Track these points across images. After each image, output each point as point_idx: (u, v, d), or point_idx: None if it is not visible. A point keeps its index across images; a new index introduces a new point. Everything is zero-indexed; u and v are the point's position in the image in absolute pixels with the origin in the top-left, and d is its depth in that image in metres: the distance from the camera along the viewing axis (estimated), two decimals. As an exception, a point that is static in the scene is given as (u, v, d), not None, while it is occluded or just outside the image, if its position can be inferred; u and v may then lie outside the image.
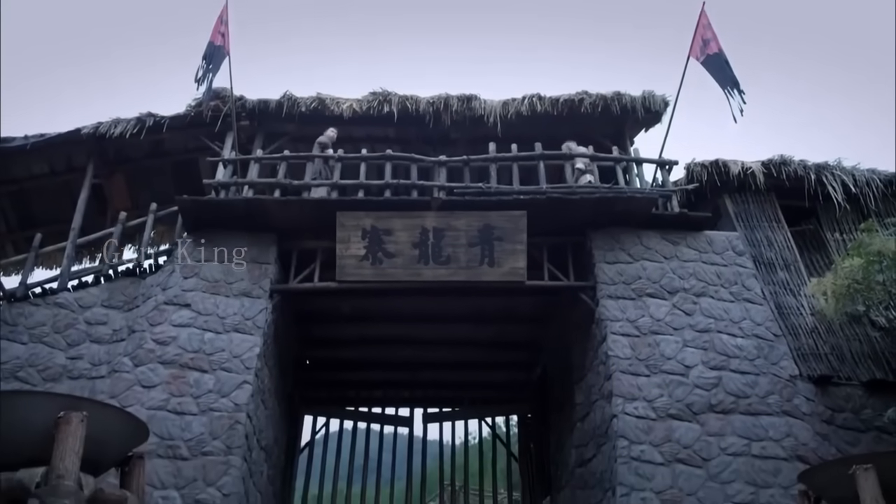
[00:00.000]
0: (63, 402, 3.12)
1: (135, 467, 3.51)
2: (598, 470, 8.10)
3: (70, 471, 2.88)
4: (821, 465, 5.31)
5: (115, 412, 3.41)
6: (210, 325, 8.33)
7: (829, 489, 4.36)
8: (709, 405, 7.83)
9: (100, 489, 3.11)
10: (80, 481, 2.94)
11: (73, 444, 2.94)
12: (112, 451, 3.30)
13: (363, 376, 12.48)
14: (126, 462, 3.55)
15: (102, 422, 3.14)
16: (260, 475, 8.55)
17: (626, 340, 8.23)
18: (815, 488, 4.41)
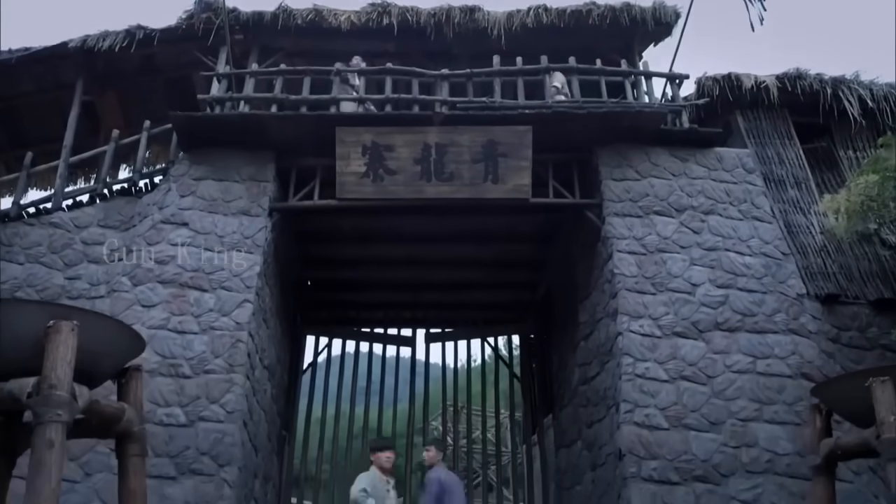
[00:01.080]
0: (53, 310, 2.97)
1: (132, 380, 3.39)
2: (602, 387, 8.10)
3: (62, 381, 2.76)
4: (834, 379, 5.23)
5: (108, 322, 3.27)
6: (209, 243, 8.18)
7: (842, 403, 4.28)
8: (715, 323, 7.75)
9: (95, 401, 3.00)
10: (73, 392, 2.81)
11: (64, 353, 2.80)
12: (106, 362, 3.17)
13: (365, 297, 12.42)
14: (123, 374, 3.42)
15: (95, 332, 3.00)
16: (263, 393, 8.56)
17: (632, 258, 8.08)
18: (827, 402, 4.33)
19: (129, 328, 3.26)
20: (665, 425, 7.14)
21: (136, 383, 3.42)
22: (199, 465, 6.96)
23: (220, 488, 6.88)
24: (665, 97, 9.56)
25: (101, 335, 3.09)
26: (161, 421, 7.16)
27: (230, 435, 7.11)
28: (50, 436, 2.68)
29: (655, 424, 7.13)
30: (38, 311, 2.92)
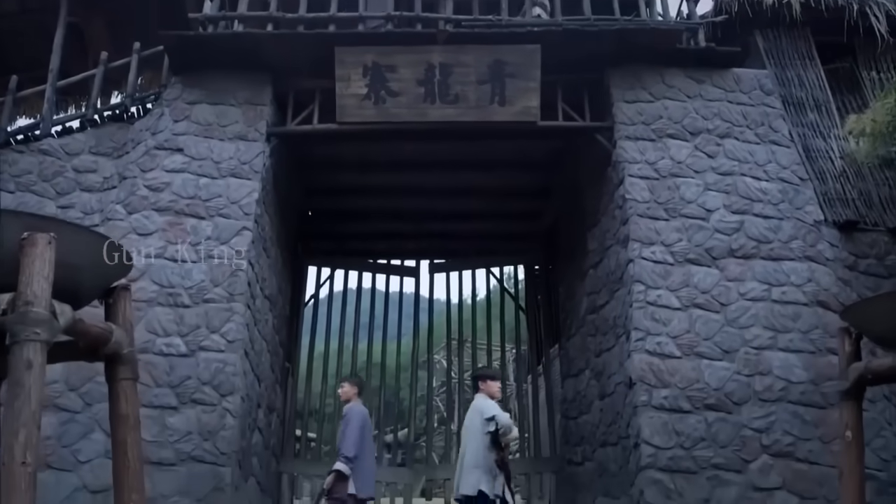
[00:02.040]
0: (28, 221, 2.71)
1: (119, 299, 3.16)
2: (611, 316, 7.91)
3: (39, 297, 2.51)
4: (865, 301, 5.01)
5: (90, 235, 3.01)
6: (205, 169, 7.87)
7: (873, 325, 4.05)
8: (729, 250, 7.51)
9: (79, 320, 2.77)
10: (53, 309, 2.57)
11: (40, 267, 2.55)
12: (90, 279, 2.93)
13: (368, 227, 12.17)
14: (109, 294, 3.18)
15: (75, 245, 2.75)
16: (265, 323, 8.39)
17: (644, 183, 7.78)
18: (857, 325, 4.10)
19: (114, 243, 3.00)
20: (677, 353, 6.97)
21: (124, 303, 3.19)
22: (200, 394, 6.83)
23: (223, 418, 6.76)
24: (680, 15, 9.10)
25: (83, 249, 2.84)
26: (161, 351, 7.00)
27: (231, 364, 6.96)
28: (28, 356, 2.45)
29: (667, 353, 6.96)
30: (11, 222, 2.65)
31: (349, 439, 6.20)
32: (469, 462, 5.44)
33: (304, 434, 11.31)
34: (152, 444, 6.61)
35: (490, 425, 5.28)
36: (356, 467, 6.18)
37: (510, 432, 5.35)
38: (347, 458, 6.14)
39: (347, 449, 6.17)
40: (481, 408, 5.51)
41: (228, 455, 6.62)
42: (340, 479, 6.16)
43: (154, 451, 6.59)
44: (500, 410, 5.56)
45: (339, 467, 6.09)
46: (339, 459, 6.12)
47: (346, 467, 6.09)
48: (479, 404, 5.61)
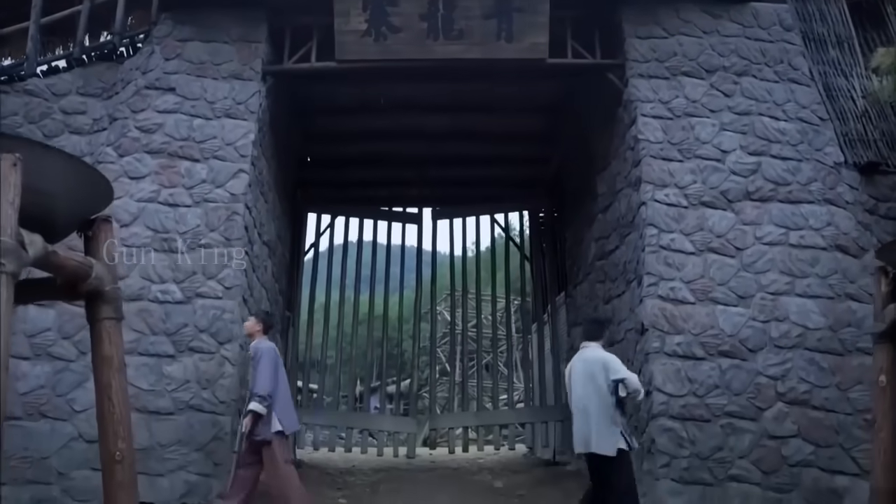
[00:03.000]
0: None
1: (100, 232, 2.88)
2: (622, 261, 7.65)
3: (5, 225, 2.24)
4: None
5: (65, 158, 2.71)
6: (198, 110, 7.53)
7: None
8: (745, 192, 7.21)
9: (52, 252, 2.50)
10: (20, 239, 2.29)
11: (5, 192, 2.28)
12: (65, 208, 2.65)
13: (369, 174, 11.85)
14: (89, 226, 2.90)
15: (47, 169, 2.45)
16: (264, 270, 8.15)
17: (657, 123, 7.44)
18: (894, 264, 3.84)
19: (93, 168, 2.73)
20: (691, 299, 6.73)
21: (105, 236, 2.91)
22: (198, 342, 6.62)
23: (222, 366, 6.57)
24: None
25: (56, 174, 2.55)
26: (156, 298, 6.77)
27: (229, 311, 6.73)
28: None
29: (680, 298, 6.72)
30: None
31: (262, 377, 5.84)
32: (600, 421, 5.24)
33: (305, 385, 11.17)
34: (149, 394, 6.45)
35: (621, 389, 5.12)
36: (276, 404, 5.84)
37: (639, 396, 5.18)
38: (262, 396, 5.78)
39: (262, 387, 5.79)
40: (605, 363, 5.27)
41: (228, 404, 6.44)
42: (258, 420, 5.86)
43: (151, 400, 6.43)
44: (624, 368, 5.34)
45: (254, 408, 5.76)
46: (254, 399, 5.77)
47: (262, 406, 5.77)
48: (600, 357, 5.33)
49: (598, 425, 5.29)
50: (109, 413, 2.75)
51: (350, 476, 9.10)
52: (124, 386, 2.83)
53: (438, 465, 10.53)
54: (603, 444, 5.26)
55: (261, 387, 5.82)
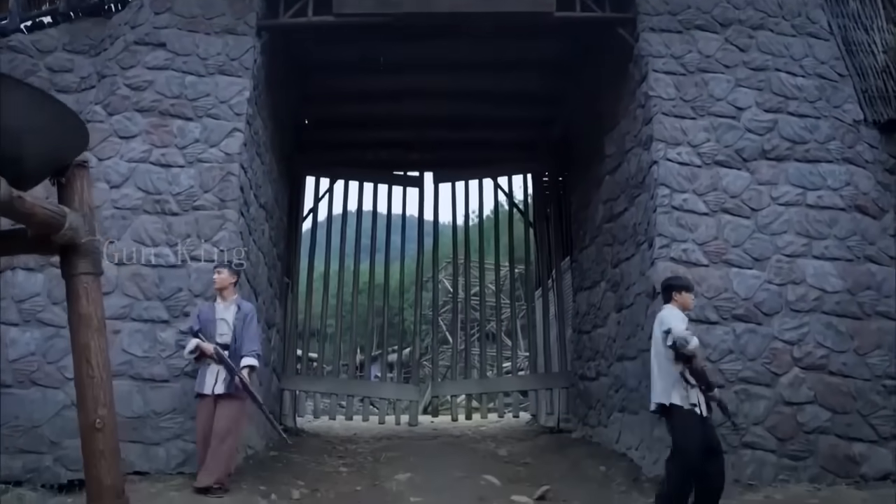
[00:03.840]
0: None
1: (76, 178, 2.61)
2: (631, 223, 7.40)
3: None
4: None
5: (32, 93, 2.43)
6: (190, 66, 7.21)
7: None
8: (761, 151, 6.93)
9: (18, 197, 2.23)
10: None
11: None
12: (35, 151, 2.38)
13: (369, 136, 11.52)
14: (62, 172, 2.63)
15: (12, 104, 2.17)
16: (261, 234, 7.89)
17: (669, 79, 7.13)
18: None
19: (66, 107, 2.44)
20: (704, 261, 6.49)
21: (81, 183, 2.64)
22: (193, 307, 6.37)
23: (218, 331, 6.32)
24: None
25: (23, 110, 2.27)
26: (149, 262, 6.52)
27: (225, 275, 6.47)
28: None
29: (693, 260, 6.48)
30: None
31: (255, 335, 6.01)
32: (655, 374, 5.03)
33: (304, 354, 10.97)
34: (143, 360, 6.24)
35: (668, 339, 4.84)
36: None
37: (687, 344, 4.88)
38: (259, 354, 6.06)
39: (258, 346, 6.06)
40: (661, 319, 5.02)
41: (225, 370, 6.21)
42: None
43: (145, 367, 6.22)
44: (681, 321, 5.01)
45: (253, 363, 5.88)
46: (251, 355, 5.84)
47: (258, 362, 6.02)
48: (662, 315, 5.07)
49: (653, 377, 5.07)
50: (88, 377, 2.50)
51: (351, 444, 8.94)
52: (104, 347, 2.58)
53: (441, 433, 10.38)
54: (655, 393, 5.01)
55: (258, 345, 6.04)
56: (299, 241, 10.83)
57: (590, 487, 6.29)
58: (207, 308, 6.06)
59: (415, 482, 6.25)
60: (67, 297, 2.64)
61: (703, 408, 4.81)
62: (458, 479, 6.39)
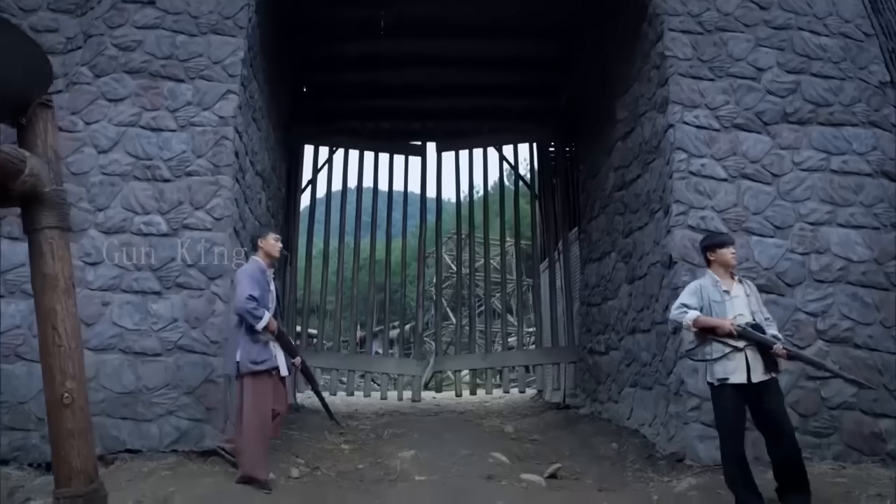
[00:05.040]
0: None
1: (38, 119, 2.29)
2: (644, 191, 7.07)
3: None
4: None
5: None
6: (181, 25, 6.82)
7: None
8: (783, 114, 6.58)
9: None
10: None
11: None
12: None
13: (369, 104, 11.15)
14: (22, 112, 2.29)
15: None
16: (257, 203, 7.57)
17: (686, 38, 6.76)
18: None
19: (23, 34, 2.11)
20: (723, 229, 6.15)
21: (44, 125, 2.31)
22: (186, 277, 6.07)
23: (212, 303, 6.03)
24: None
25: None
26: (140, 230, 6.20)
27: (220, 244, 6.16)
28: None
29: (712, 228, 6.14)
30: None
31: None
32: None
33: (304, 330, 10.67)
34: (134, 333, 5.93)
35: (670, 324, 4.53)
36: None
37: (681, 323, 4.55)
38: None
39: None
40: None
41: (219, 344, 5.92)
42: None
43: (136, 340, 5.92)
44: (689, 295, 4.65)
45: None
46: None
47: None
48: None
49: None
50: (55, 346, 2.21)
51: (353, 421, 8.69)
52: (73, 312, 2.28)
53: (444, 409, 10.13)
54: None
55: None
56: (298, 212, 10.50)
57: (602, 465, 6.03)
58: (259, 274, 5.28)
59: (419, 459, 5.98)
60: (30, 255, 2.32)
61: (745, 375, 4.41)
62: (465, 456, 6.12)
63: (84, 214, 6.17)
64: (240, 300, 5.07)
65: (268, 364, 5.11)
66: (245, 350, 5.08)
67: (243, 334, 5.13)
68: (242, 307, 5.05)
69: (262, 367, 5.07)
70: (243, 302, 5.04)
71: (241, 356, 5.08)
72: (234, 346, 5.19)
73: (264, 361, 5.09)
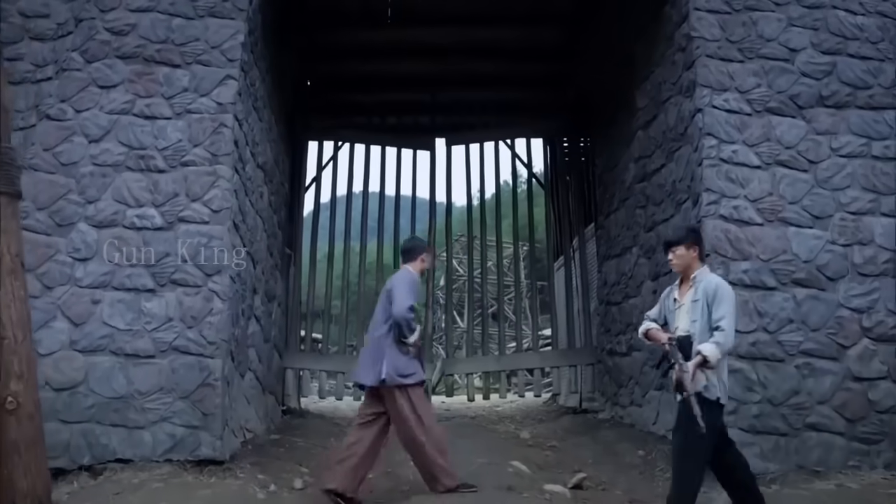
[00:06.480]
0: None
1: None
2: (669, 181, 6.64)
3: None
4: None
5: None
6: (178, 8, 6.42)
7: None
8: (818, 97, 6.14)
9: None
10: None
11: None
12: None
13: (375, 98, 10.75)
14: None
15: None
16: (259, 197, 7.17)
17: (713, 18, 6.32)
18: None
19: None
20: (758, 220, 5.73)
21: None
22: (182, 274, 5.67)
23: (210, 301, 5.62)
24: None
25: None
26: (133, 224, 5.80)
27: (217, 238, 5.76)
28: None
29: (746, 219, 5.72)
30: None
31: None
32: None
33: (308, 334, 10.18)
34: (126, 334, 5.54)
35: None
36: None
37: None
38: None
39: None
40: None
41: (217, 345, 5.51)
42: None
43: (129, 341, 5.52)
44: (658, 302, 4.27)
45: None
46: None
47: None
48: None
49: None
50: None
51: (360, 426, 8.26)
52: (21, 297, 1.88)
53: (455, 414, 9.71)
54: None
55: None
56: (301, 209, 10.09)
57: (630, 475, 5.60)
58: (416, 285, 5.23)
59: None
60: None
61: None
62: (481, 465, 5.68)
63: (73, 207, 5.79)
64: (401, 308, 4.83)
65: (415, 378, 4.88)
66: (391, 361, 4.81)
67: (391, 344, 4.87)
68: (403, 316, 4.82)
69: (410, 380, 4.84)
70: (405, 311, 4.83)
71: (387, 367, 4.79)
72: (379, 355, 4.87)
73: (412, 374, 4.86)
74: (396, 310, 4.82)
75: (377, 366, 4.82)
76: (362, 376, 4.97)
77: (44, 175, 5.87)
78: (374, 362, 4.87)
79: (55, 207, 5.78)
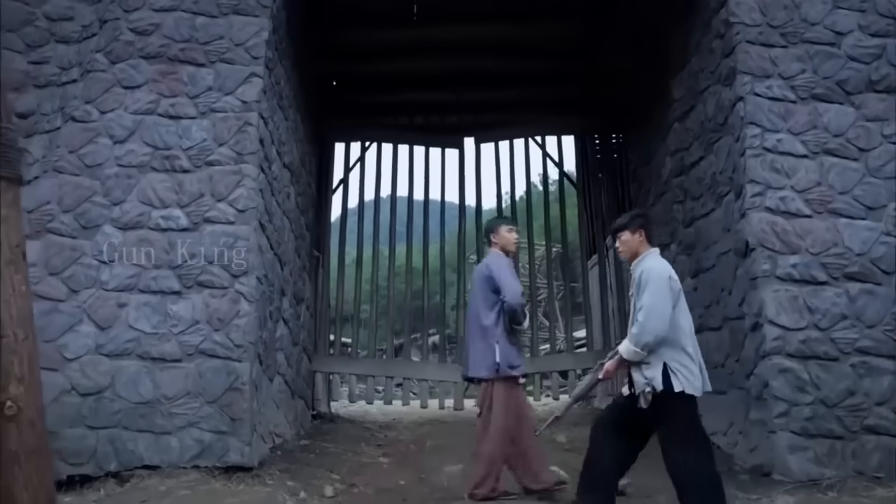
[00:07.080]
0: None
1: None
2: (709, 173, 6.37)
3: None
4: None
5: None
6: (201, 6, 6.32)
7: None
8: (868, 82, 5.84)
9: None
10: None
11: None
12: None
13: (401, 98, 10.60)
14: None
15: None
16: (286, 197, 7.04)
17: (753, 2, 6.04)
18: None
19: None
20: (806, 211, 5.45)
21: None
22: (207, 276, 5.54)
23: (237, 303, 5.48)
24: None
25: None
26: (158, 225, 5.69)
27: (244, 239, 5.62)
28: None
29: (793, 210, 5.44)
30: None
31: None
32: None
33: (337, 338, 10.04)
34: (152, 337, 5.41)
35: None
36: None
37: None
38: None
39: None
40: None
41: (245, 348, 5.37)
42: None
43: (155, 345, 5.39)
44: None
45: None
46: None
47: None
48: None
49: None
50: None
51: (391, 431, 8.10)
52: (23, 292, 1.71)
53: (488, 418, 9.47)
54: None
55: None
56: (329, 211, 9.96)
57: (675, 480, 5.32)
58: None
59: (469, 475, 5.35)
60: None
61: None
62: (518, 470, 5.46)
63: (98, 209, 5.70)
64: (515, 294, 4.72)
65: (520, 370, 4.80)
66: (504, 352, 4.71)
67: (502, 333, 4.74)
68: (519, 302, 4.74)
69: (517, 371, 4.76)
70: (519, 297, 4.73)
71: (500, 357, 4.67)
72: (490, 345, 4.73)
73: (519, 366, 4.78)
74: (510, 296, 4.68)
75: (488, 357, 4.67)
76: (474, 369, 4.79)
77: (69, 177, 5.79)
78: (484, 354, 4.71)
79: (80, 210, 5.69)
